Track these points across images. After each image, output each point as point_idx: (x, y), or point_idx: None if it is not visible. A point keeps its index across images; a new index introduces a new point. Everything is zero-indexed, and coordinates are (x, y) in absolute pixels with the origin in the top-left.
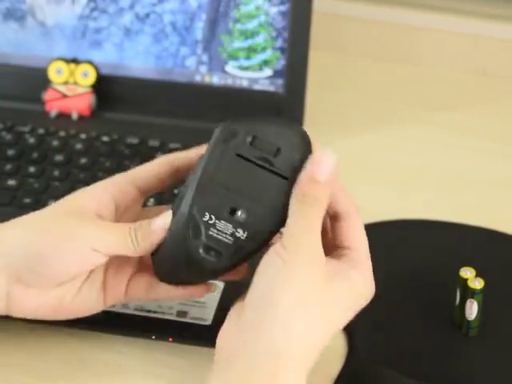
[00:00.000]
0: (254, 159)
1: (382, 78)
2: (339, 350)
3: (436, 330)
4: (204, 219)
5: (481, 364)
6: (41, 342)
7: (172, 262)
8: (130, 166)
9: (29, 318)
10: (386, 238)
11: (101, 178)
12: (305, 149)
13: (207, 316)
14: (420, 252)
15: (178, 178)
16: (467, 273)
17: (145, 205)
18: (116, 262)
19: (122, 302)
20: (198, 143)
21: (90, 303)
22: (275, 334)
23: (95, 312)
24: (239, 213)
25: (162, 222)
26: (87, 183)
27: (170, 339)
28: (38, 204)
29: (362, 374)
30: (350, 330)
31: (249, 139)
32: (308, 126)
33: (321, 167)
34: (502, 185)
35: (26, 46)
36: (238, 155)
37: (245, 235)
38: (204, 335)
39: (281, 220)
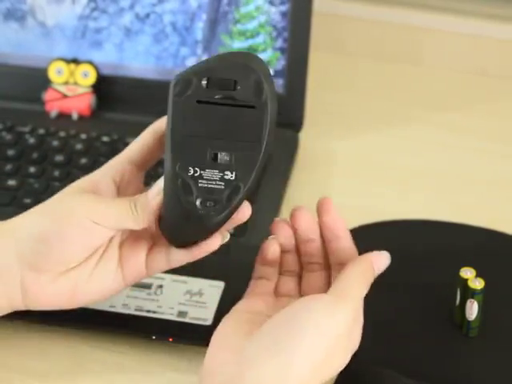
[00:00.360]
0: (216, 100)
1: (382, 79)
2: None
3: (436, 330)
4: (189, 174)
5: (481, 364)
6: (41, 341)
7: (175, 225)
8: None
9: (46, 309)
10: (386, 238)
11: None
12: (258, 68)
13: (207, 316)
14: (420, 252)
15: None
16: (467, 273)
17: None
18: (130, 239)
19: (144, 277)
20: None
21: (107, 283)
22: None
23: (116, 293)
24: (220, 156)
25: (156, 189)
26: None
27: (170, 339)
28: (39, 204)
29: (362, 374)
30: None
31: (204, 82)
32: (308, 127)
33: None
34: (501, 185)
35: (26, 46)
36: (199, 101)
37: (233, 175)
38: (204, 335)
39: (263, 148)
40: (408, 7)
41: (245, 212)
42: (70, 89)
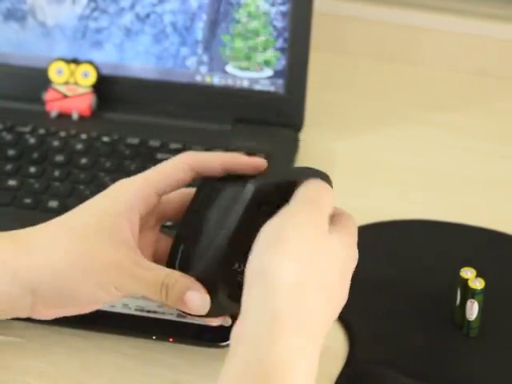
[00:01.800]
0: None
1: (382, 78)
2: (339, 350)
3: (436, 330)
4: (233, 268)
5: (481, 364)
6: (41, 342)
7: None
8: (131, 167)
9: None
10: (386, 239)
11: (101, 179)
12: None
13: None
14: (420, 252)
15: (195, 179)
16: (468, 273)
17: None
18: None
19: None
20: (199, 143)
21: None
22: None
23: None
24: None
25: (199, 302)
26: (88, 183)
27: (171, 339)
28: (39, 204)
29: (362, 373)
30: (351, 329)
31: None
32: (308, 127)
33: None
34: (500, 184)
35: (26, 46)
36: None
37: None
38: (204, 335)
39: None
40: (408, 7)
41: None
42: (71, 89)
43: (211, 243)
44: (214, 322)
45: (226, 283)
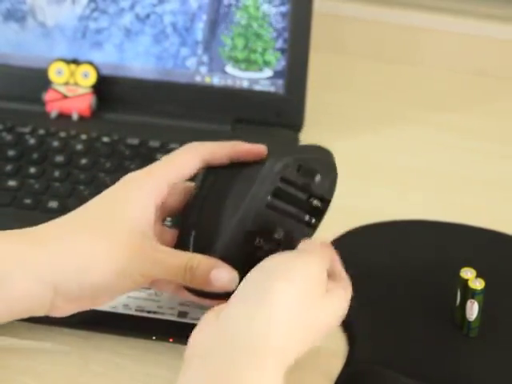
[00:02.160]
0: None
1: (381, 79)
2: (339, 350)
3: (436, 330)
4: (255, 243)
5: (481, 364)
6: (41, 342)
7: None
8: (131, 167)
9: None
10: (386, 239)
11: (101, 179)
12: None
13: None
14: (420, 252)
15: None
16: (468, 273)
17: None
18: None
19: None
20: None
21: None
22: (258, 326)
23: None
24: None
25: (226, 278)
26: (87, 184)
27: (171, 340)
28: (39, 205)
29: (362, 374)
30: (351, 330)
31: (295, 167)
32: (308, 127)
33: None
34: (500, 185)
35: (26, 46)
36: (284, 180)
37: None
38: None
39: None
40: (407, 8)
41: None
42: (71, 89)
43: (231, 220)
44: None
45: (249, 260)
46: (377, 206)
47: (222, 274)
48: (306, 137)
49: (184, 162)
